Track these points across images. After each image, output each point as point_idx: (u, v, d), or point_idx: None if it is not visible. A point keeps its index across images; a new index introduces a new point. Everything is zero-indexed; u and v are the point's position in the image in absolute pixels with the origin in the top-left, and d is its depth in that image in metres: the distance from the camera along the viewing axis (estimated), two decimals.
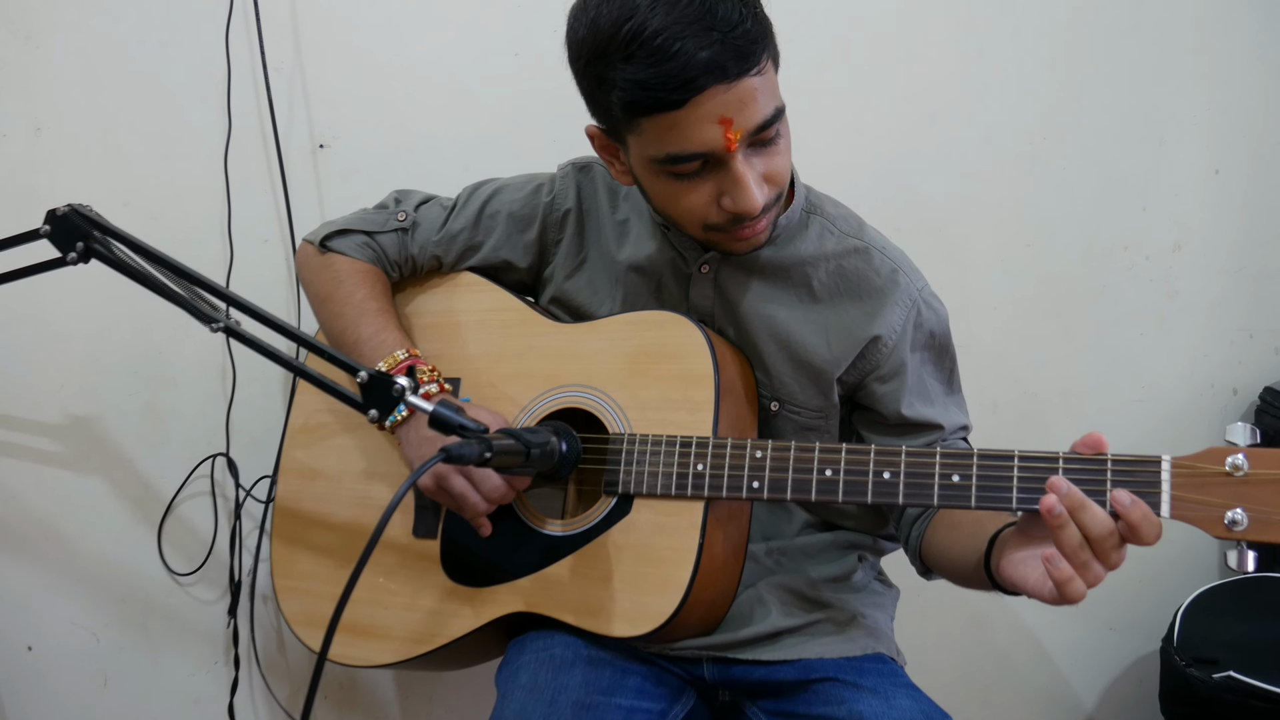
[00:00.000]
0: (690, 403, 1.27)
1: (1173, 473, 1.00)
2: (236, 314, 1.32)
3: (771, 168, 1.19)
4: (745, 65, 1.11)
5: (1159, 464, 1.00)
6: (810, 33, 1.82)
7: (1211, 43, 1.92)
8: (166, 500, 1.79)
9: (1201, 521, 0.99)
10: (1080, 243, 1.95)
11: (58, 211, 1.33)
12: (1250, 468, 0.97)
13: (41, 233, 1.33)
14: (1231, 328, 2.00)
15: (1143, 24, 1.90)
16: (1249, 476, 0.97)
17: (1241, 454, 0.97)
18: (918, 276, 1.36)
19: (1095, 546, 0.99)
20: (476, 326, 1.48)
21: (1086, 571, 0.99)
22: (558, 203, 1.46)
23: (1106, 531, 0.99)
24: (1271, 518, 0.96)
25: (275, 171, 1.78)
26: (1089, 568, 0.99)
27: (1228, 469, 0.97)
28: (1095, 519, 0.99)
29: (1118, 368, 1.99)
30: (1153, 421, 1.99)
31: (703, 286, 1.37)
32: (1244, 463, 0.97)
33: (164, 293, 1.31)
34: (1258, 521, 0.96)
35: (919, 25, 1.88)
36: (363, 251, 1.50)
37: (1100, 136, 1.92)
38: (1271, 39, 1.93)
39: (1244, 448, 0.98)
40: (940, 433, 1.35)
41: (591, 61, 1.16)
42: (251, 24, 1.74)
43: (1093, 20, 1.90)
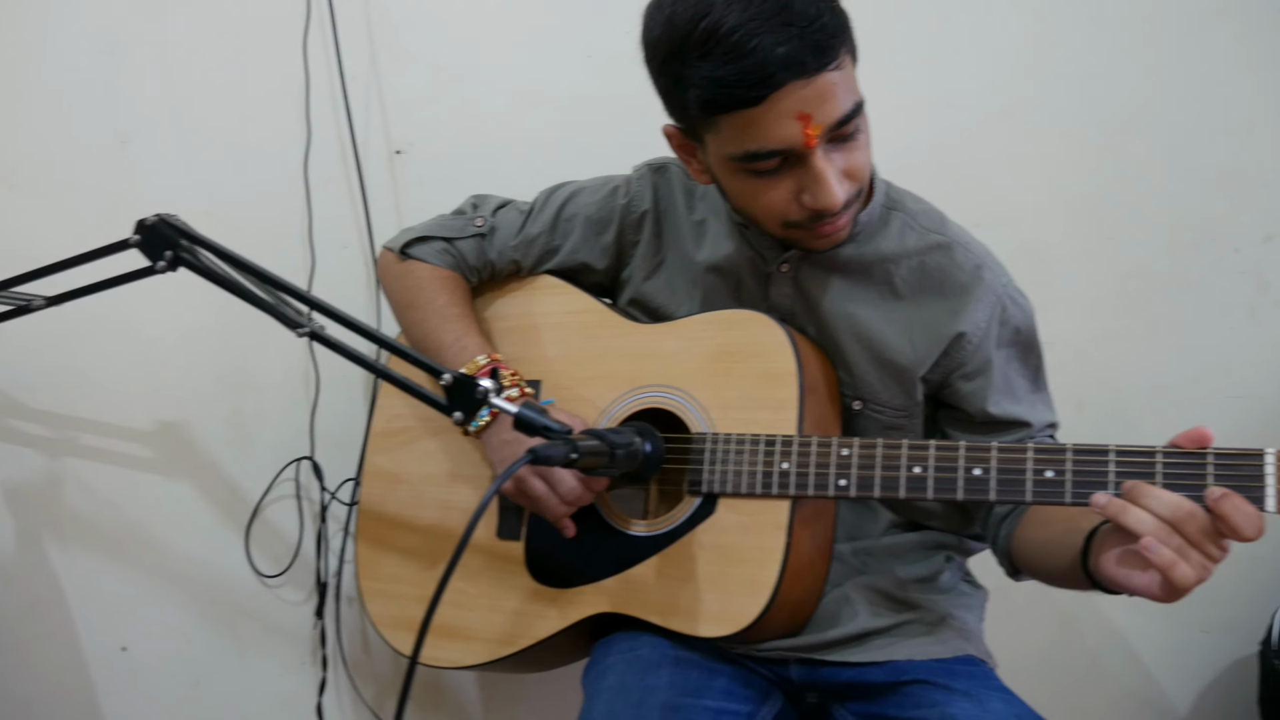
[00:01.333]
0: (774, 401, 1.26)
1: (1278, 466, 0.97)
2: (320, 319, 1.34)
3: (851, 163, 1.18)
4: (823, 60, 1.10)
5: (1261, 457, 0.98)
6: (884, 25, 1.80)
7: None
8: (253, 504, 1.83)
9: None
10: (1165, 235, 1.90)
11: (147, 221, 1.36)
12: None
13: (131, 242, 1.36)
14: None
15: (1227, 7, 1.85)
16: None
17: None
18: (1002, 272, 1.33)
19: (1182, 532, 0.96)
20: (555, 329, 1.48)
21: (1185, 559, 0.96)
22: (634, 204, 1.46)
23: (1183, 513, 0.96)
24: None
25: (354, 178, 1.81)
26: (1186, 555, 0.96)
27: None
28: (1161, 501, 0.97)
29: (1207, 363, 1.93)
30: (1244, 418, 1.93)
31: (782, 285, 1.36)
32: None
33: (251, 299, 1.33)
34: None
35: (994, 16, 1.85)
36: (442, 258, 1.51)
37: (1184, 125, 1.87)
38: None
39: None
40: (1027, 430, 1.33)
41: (668, 60, 1.16)
42: (328, 33, 1.77)
43: (1175, 5, 1.86)
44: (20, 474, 1.77)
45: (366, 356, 1.30)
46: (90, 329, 1.76)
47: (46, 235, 1.71)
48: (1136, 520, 0.97)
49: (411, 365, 1.31)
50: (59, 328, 1.69)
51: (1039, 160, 1.87)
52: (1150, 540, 0.96)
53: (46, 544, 1.79)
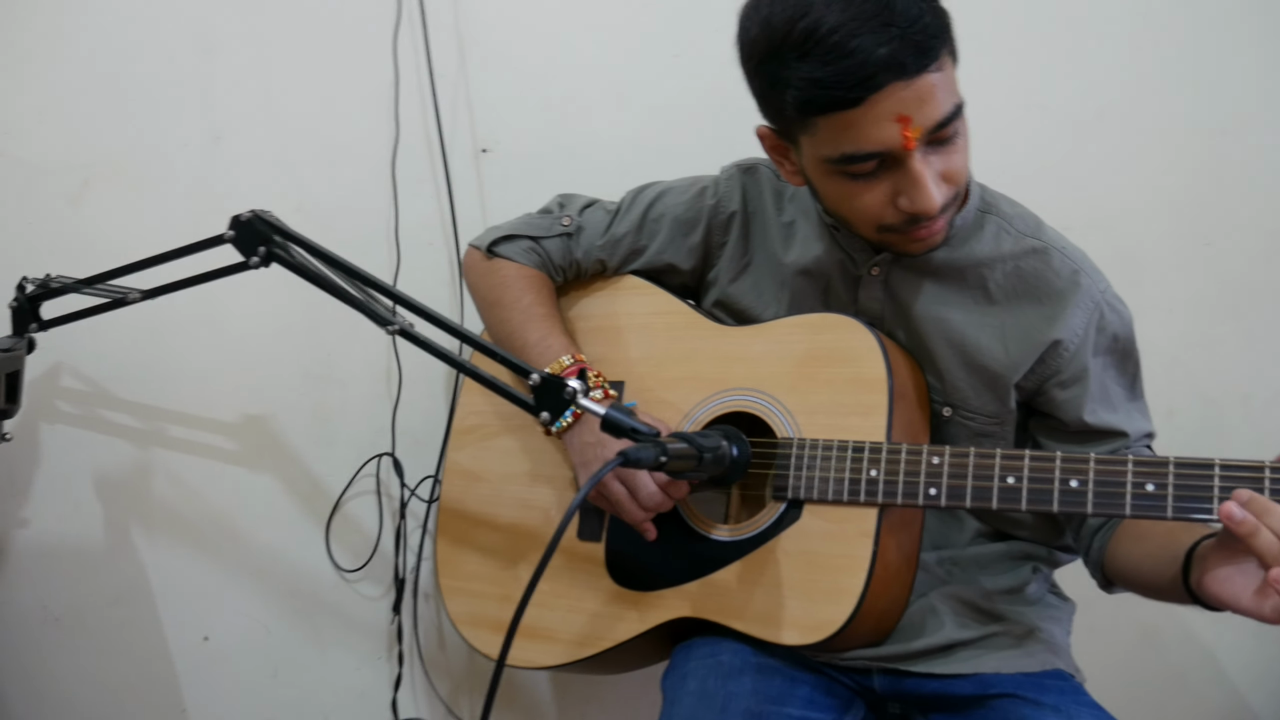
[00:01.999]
0: (862, 407, 1.24)
1: None
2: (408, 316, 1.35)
3: (950, 166, 1.16)
4: (924, 61, 1.08)
5: None
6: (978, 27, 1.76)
7: None
8: (334, 498, 1.85)
9: None
10: (1263, 241, 1.84)
11: (241, 217, 1.38)
12: None
13: (226, 238, 1.39)
14: None
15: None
16: None
17: None
18: (1100, 278, 1.30)
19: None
20: (640, 330, 1.48)
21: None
22: (722, 205, 1.45)
23: None
24: None
25: (440, 176, 1.82)
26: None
27: None
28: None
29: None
30: None
31: (872, 289, 1.34)
32: None
33: (341, 295, 1.35)
34: None
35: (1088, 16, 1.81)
36: (528, 256, 1.51)
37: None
38: None
39: None
40: (1124, 440, 1.30)
41: (765, 60, 1.15)
42: (418, 32, 1.79)
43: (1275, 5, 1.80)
44: (110, 464, 1.81)
45: (453, 354, 1.31)
46: (181, 323, 1.79)
47: (142, 230, 1.74)
48: (1266, 543, 0.94)
49: (496, 364, 1.31)
50: (151, 321, 1.72)
51: (1136, 164, 1.83)
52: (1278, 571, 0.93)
53: (134, 534, 1.83)
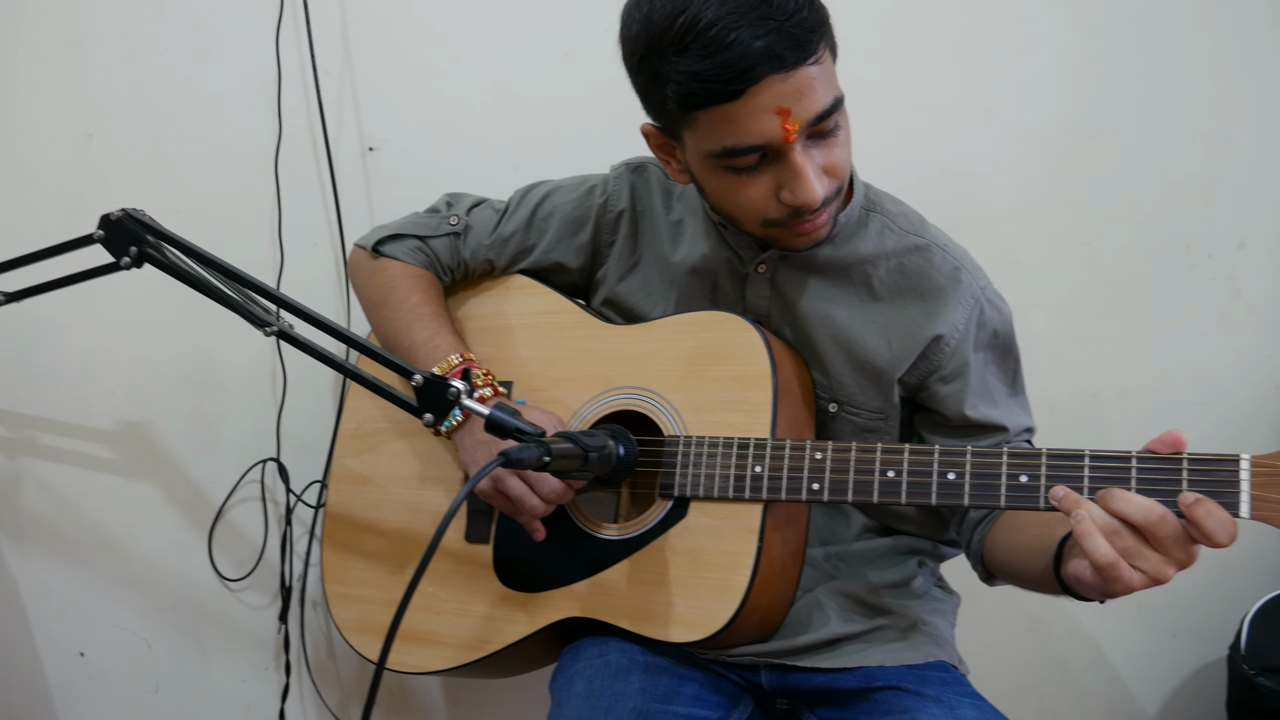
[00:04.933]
0: (748, 404, 1.25)
1: (1252, 472, 0.96)
2: (289, 318, 1.31)
3: (831, 160, 1.17)
4: (802, 54, 1.09)
5: (1237, 463, 0.97)
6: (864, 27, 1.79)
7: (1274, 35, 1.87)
8: (217, 506, 1.80)
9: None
10: (1140, 241, 1.90)
11: (111, 216, 1.33)
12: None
13: (95, 238, 1.34)
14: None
15: (1205, 14, 1.85)
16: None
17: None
18: (981, 275, 1.33)
19: (1148, 536, 0.96)
20: (529, 329, 1.46)
21: (1136, 558, 0.96)
22: (611, 204, 1.44)
23: (1155, 518, 0.95)
24: None
25: (325, 175, 1.78)
26: (1139, 555, 0.96)
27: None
28: (1133, 505, 0.96)
29: (1179, 368, 1.94)
30: (1215, 424, 1.94)
31: (759, 286, 1.34)
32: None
33: (217, 297, 1.30)
34: None
35: (972, 20, 1.85)
36: (415, 256, 1.49)
37: (1162, 132, 1.87)
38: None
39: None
40: (1004, 434, 1.32)
41: (645, 56, 1.14)
42: (302, 28, 1.75)
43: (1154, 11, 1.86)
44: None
45: (335, 356, 1.28)
46: (52, 326, 1.73)
47: (10, 230, 1.68)
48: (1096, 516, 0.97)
49: (382, 366, 1.29)
50: (19, 325, 1.66)
51: (1019, 165, 1.87)
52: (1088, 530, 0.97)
53: (2, 545, 1.75)
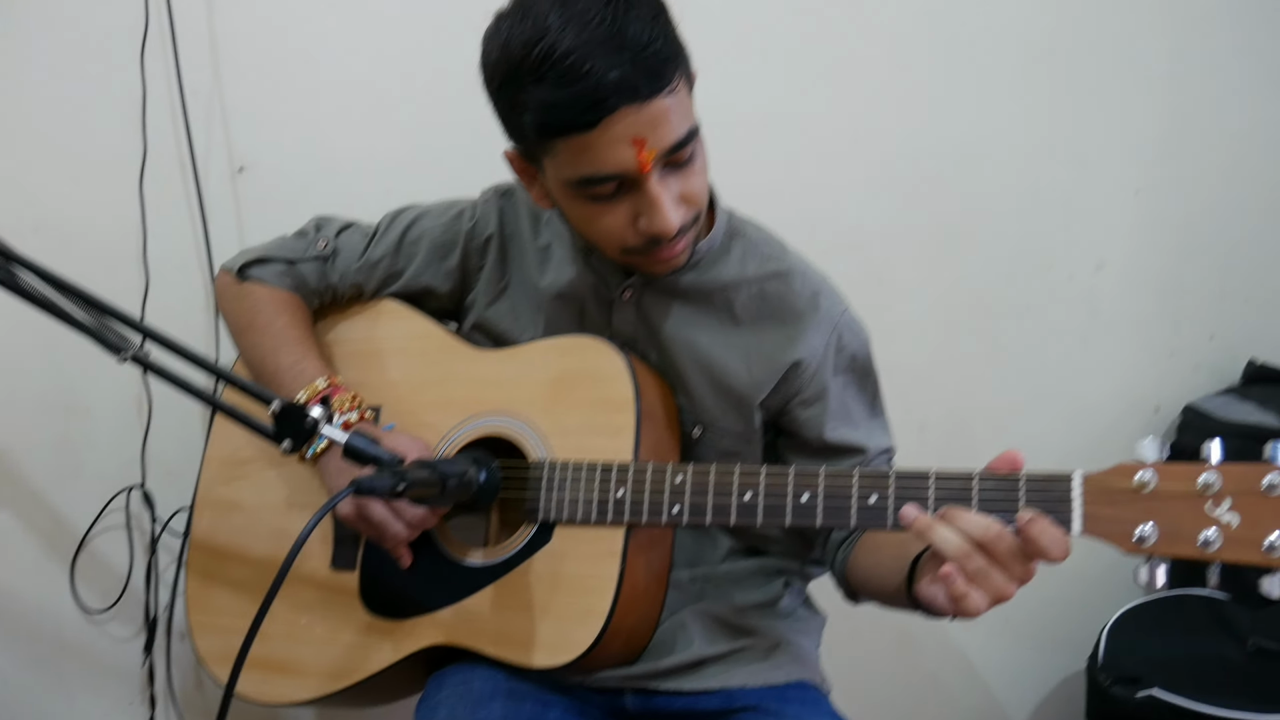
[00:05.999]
0: (611, 428, 1.26)
1: (1084, 489, 1.00)
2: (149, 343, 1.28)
3: (687, 188, 1.19)
4: (657, 85, 1.10)
5: (1069, 481, 1.01)
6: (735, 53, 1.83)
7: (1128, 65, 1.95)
8: (80, 535, 1.74)
9: (1112, 537, 0.99)
10: (1003, 263, 1.97)
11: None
12: (1158, 483, 0.97)
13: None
14: (1153, 346, 2.03)
15: (1059, 47, 1.93)
16: (1157, 491, 0.97)
17: (1149, 469, 0.98)
18: (839, 300, 1.36)
19: (991, 552, 0.98)
20: (398, 354, 1.45)
21: (985, 580, 0.98)
22: (479, 229, 1.44)
23: (992, 535, 0.98)
24: (1180, 532, 0.96)
25: (193, 195, 1.75)
26: (987, 576, 0.98)
27: (1135, 484, 0.98)
28: (971, 523, 0.99)
29: (1043, 386, 2.01)
30: (1077, 439, 2.01)
31: (625, 311, 1.36)
32: (1152, 478, 0.97)
33: (71, 322, 1.27)
34: (1167, 536, 0.96)
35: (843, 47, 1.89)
36: (282, 280, 1.47)
37: (1022, 157, 1.95)
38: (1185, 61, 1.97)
39: (1152, 463, 0.98)
40: (863, 456, 1.35)
41: (504, 84, 1.15)
42: (168, 45, 1.71)
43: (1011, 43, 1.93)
44: None
45: (194, 384, 1.24)
46: None
47: None
48: (941, 539, 0.99)
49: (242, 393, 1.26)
50: None
51: (885, 187, 1.92)
52: (951, 570, 0.98)
53: None
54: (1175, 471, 0.97)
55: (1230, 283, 2.03)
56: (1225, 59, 1.98)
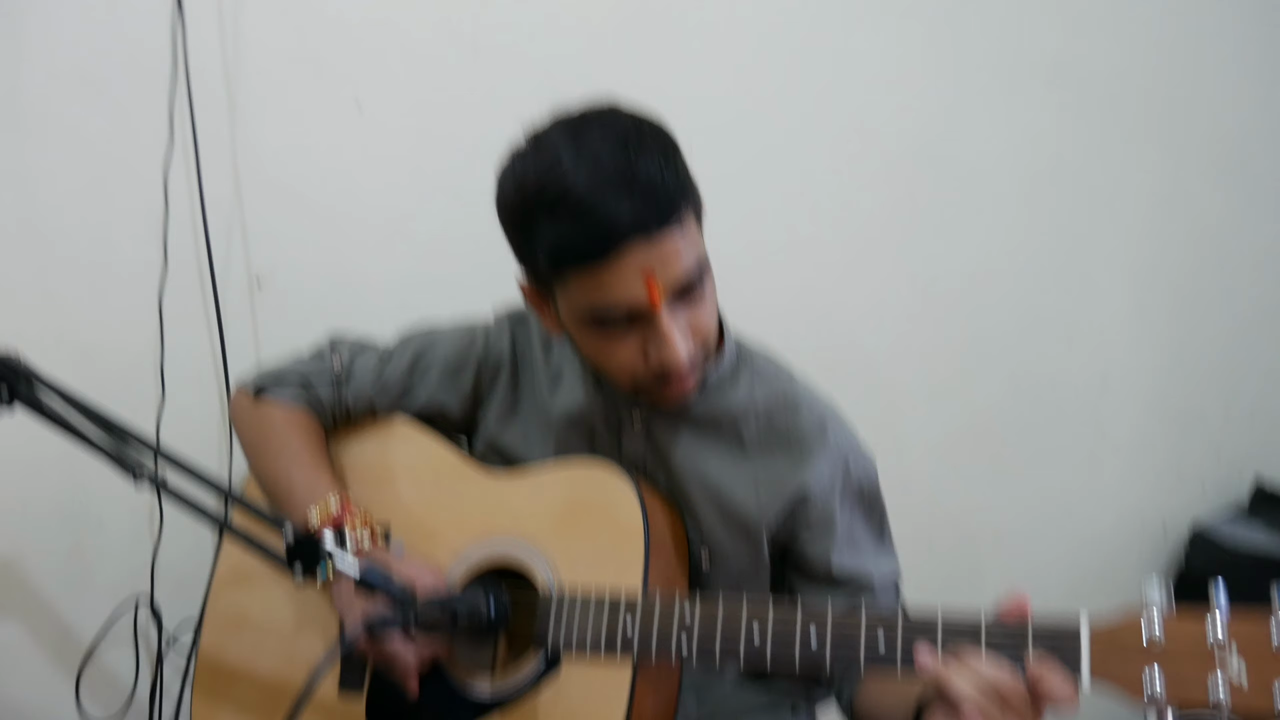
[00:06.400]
0: (620, 559, 1.26)
1: (1091, 642, 1.00)
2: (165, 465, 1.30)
3: (696, 320, 1.21)
4: (667, 221, 1.13)
5: (1077, 634, 1.01)
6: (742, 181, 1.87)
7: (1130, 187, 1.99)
8: (86, 645, 1.74)
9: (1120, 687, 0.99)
10: (1009, 381, 1.99)
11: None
12: (1166, 635, 0.97)
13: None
14: (1159, 464, 2.04)
15: (1064, 170, 1.97)
16: (1165, 643, 0.97)
17: (1157, 618, 0.98)
18: (846, 429, 1.37)
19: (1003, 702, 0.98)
20: (409, 474, 1.47)
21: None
22: (492, 352, 1.47)
23: (1007, 688, 0.98)
24: (1188, 684, 0.96)
25: (210, 307, 1.78)
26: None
27: (1144, 638, 0.98)
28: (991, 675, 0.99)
29: (1049, 505, 2.01)
30: (1085, 558, 2.01)
31: (635, 436, 1.37)
32: (1159, 629, 0.98)
33: (89, 444, 1.29)
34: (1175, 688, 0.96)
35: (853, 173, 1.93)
36: (297, 399, 1.49)
37: (1028, 277, 1.98)
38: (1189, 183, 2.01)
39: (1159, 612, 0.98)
40: (871, 585, 1.35)
41: (518, 218, 1.19)
42: (191, 161, 1.75)
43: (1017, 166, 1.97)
44: None
45: (209, 508, 1.26)
46: None
47: None
48: (958, 690, 0.99)
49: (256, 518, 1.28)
50: None
51: (893, 308, 1.95)
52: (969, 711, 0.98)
53: None
54: (1183, 623, 0.97)
55: (1235, 402, 2.05)
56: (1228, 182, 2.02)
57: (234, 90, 1.76)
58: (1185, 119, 2.00)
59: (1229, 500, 2.04)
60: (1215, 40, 2.01)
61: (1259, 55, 2.02)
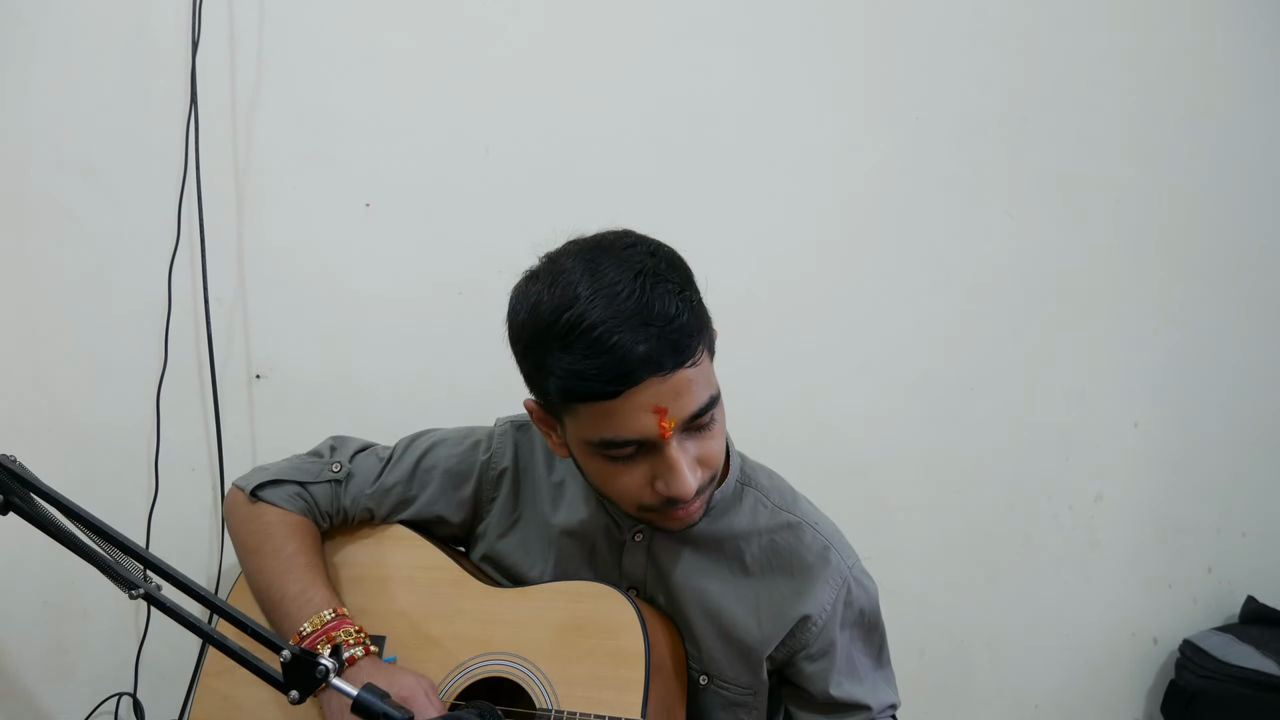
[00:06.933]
0: (620, 681, 1.25)
1: None
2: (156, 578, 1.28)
3: (705, 451, 1.21)
4: (681, 358, 1.13)
5: None
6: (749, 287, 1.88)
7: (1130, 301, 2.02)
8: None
9: None
10: (1005, 491, 1.99)
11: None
12: None
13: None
14: (1152, 578, 2.05)
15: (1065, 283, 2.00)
16: None
17: None
18: (849, 554, 1.37)
19: None
20: (405, 582, 1.45)
21: None
22: (494, 461, 1.46)
23: None
24: None
25: (209, 401, 1.77)
26: None
27: None
28: None
29: (1042, 614, 2.01)
30: (1075, 669, 2.00)
31: (636, 555, 1.37)
32: None
33: (84, 554, 1.27)
34: None
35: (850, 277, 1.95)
36: (294, 503, 1.47)
37: (1023, 389, 1.99)
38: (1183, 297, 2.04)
39: None
40: (868, 712, 1.34)
41: (531, 346, 1.18)
42: (197, 257, 1.76)
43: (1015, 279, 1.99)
44: None
45: (203, 624, 1.24)
46: None
47: None
48: None
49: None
50: None
51: (891, 416, 1.95)
52: None
53: None
54: None
55: (1228, 517, 2.06)
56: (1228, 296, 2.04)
57: (243, 186, 1.77)
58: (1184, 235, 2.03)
59: (1221, 615, 2.05)
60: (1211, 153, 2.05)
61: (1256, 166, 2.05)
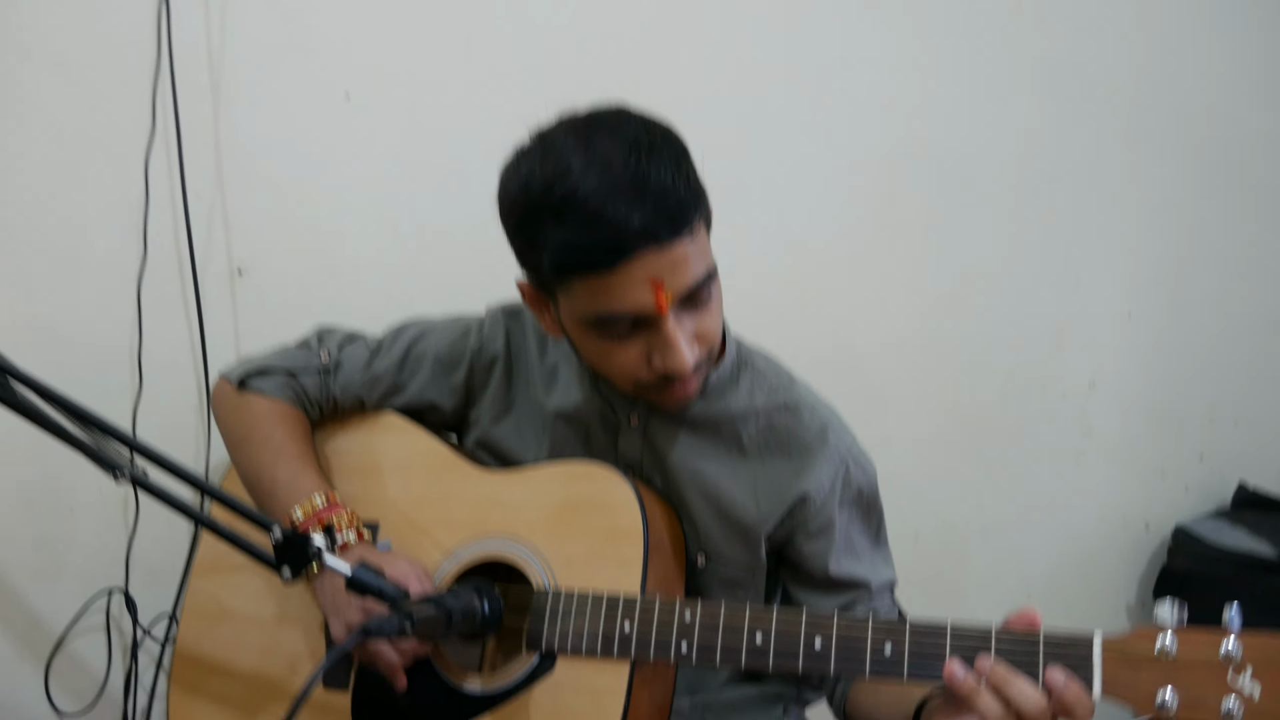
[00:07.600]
0: (618, 558, 1.24)
1: (1103, 653, 0.99)
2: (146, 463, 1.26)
3: (703, 327, 1.19)
4: (677, 229, 1.11)
5: (1090, 644, 1.00)
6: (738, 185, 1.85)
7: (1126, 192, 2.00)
8: (56, 636, 1.69)
9: (1132, 701, 0.98)
10: (998, 381, 1.99)
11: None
12: (1179, 649, 0.97)
13: None
14: (1144, 466, 2.05)
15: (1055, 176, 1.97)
16: (1177, 658, 0.97)
17: (1170, 634, 0.97)
18: (847, 434, 1.36)
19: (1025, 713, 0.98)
20: (398, 469, 1.44)
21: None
22: (486, 348, 1.44)
23: (1039, 709, 0.98)
24: (1202, 700, 0.96)
25: (190, 298, 1.73)
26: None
27: (1156, 652, 0.97)
28: (1025, 695, 0.98)
29: (1035, 502, 2.02)
30: (1068, 554, 2.02)
31: (632, 437, 1.35)
32: (1172, 644, 0.97)
33: (67, 439, 1.25)
34: (1188, 703, 0.96)
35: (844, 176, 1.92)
36: (283, 391, 1.45)
37: (1017, 280, 1.98)
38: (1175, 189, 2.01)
39: (1172, 627, 0.98)
40: (867, 589, 1.34)
41: (522, 221, 1.16)
42: (173, 150, 1.70)
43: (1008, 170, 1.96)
44: None
45: (190, 506, 1.22)
46: None
47: None
48: (985, 707, 0.98)
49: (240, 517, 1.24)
50: None
51: (886, 308, 1.94)
52: None
53: None
54: (1196, 639, 0.97)
55: (1220, 405, 2.06)
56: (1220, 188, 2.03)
57: (219, 78, 1.71)
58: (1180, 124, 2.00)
59: (1212, 502, 2.06)
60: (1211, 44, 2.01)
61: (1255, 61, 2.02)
